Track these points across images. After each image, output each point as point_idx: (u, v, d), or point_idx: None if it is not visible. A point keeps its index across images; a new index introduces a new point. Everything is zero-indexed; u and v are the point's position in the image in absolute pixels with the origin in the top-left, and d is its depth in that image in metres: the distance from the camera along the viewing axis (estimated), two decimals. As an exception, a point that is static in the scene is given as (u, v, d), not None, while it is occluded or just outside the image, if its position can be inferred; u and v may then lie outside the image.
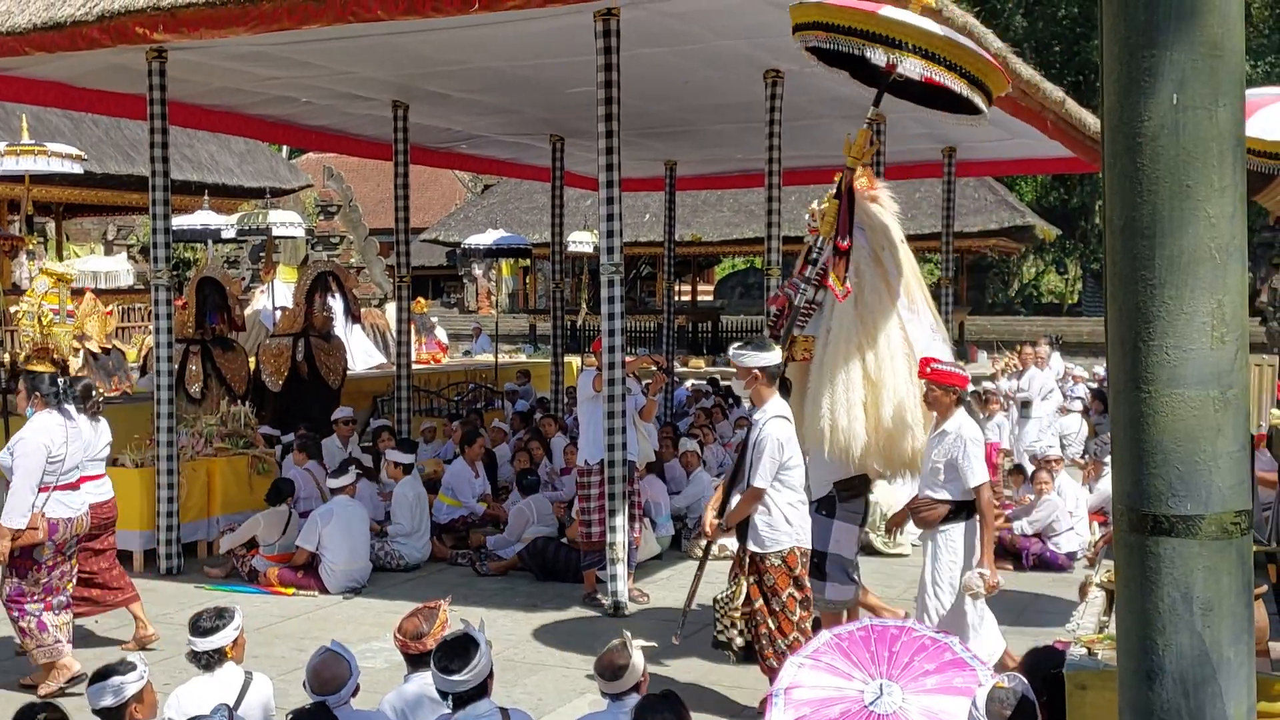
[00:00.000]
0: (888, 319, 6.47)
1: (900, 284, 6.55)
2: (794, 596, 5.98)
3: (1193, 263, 2.19)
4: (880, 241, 6.59)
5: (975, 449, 6.00)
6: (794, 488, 6.03)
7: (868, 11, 5.95)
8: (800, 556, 6.02)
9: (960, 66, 5.85)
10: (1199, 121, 2.17)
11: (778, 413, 6.01)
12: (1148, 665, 2.21)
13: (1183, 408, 2.20)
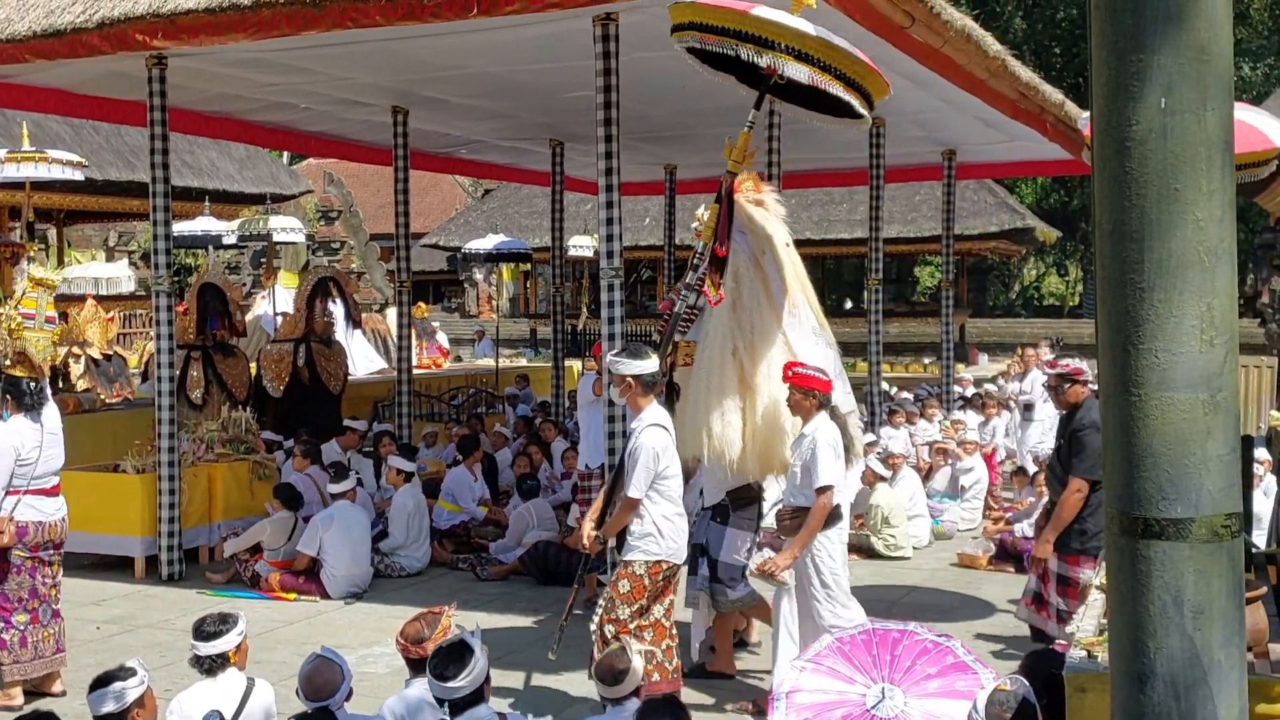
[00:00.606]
0: (766, 323, 6.40)
1: (781, 288, 6.45)
2: (642, 607, 5.84)
3: (1181, 266, 2.19)
4: (761, 245, 6.50)
5: (825, 451, 5.92)
6: (671, 499, 5.88)
7: (740, 11, 5.83)
8: (665, 570, 5.87)
9: (835, 68, 5.74)
10: (1187, 125, 2.17)
11: (654, 421, 5.88)
12: (1139, 668, 2.21)
13: (1172, 411, 2.21)
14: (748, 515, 6.67)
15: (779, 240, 6.59)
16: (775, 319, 6.42)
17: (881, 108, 12.00)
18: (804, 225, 25.91)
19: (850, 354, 27.11)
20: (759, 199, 6.69)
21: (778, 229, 6.65)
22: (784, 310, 6.45)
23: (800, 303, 6.54)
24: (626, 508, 5.86)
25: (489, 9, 7.54)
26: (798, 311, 6.50)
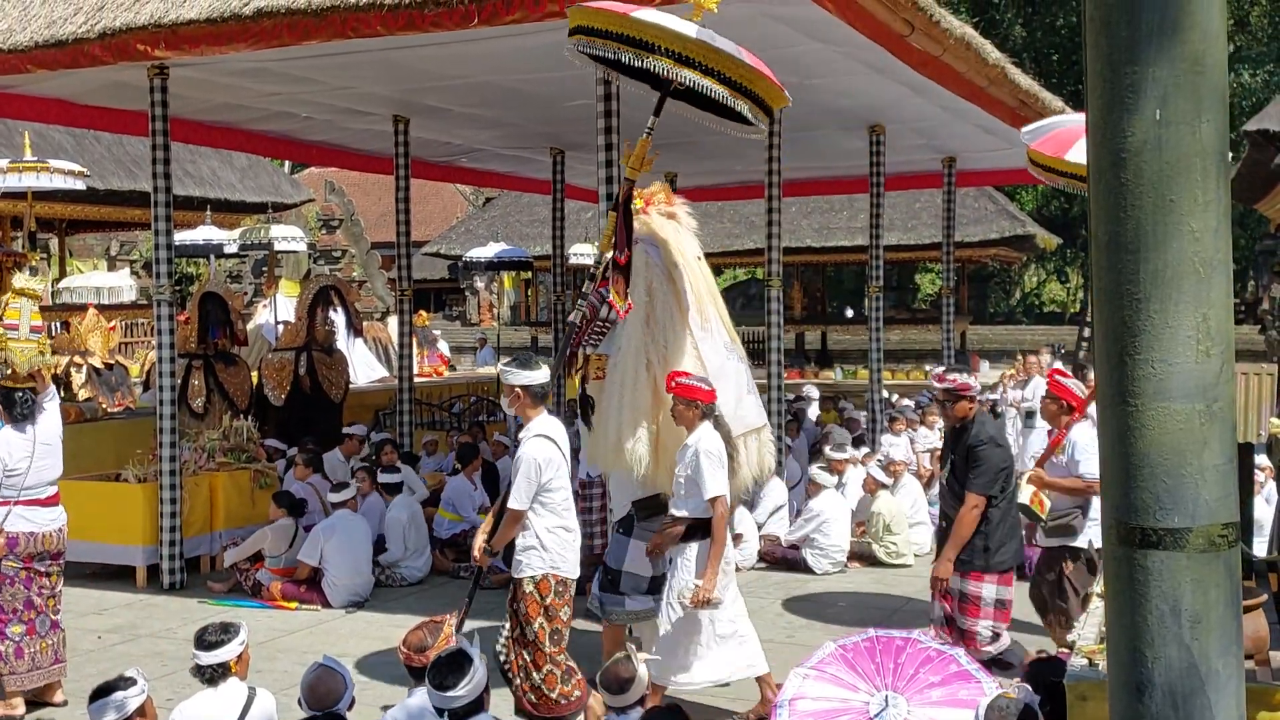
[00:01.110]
0: (679, 337, 6.36)
1: (693, 301, 6.42)
2: (544, 628, 5.81)
3: (1177, 277, 2.20)
4: (674, 258, 6.46)
5: (708, 461, 5.87)
6: (556, 511, 5.86)
7: (620, 14, 5.78)
8: (555, 585, 5.84)
9: (719, 72, 5.65)
10: (1182, 137, 2.18)
11: (539, 432, 5.86)
12: (1137, 677, 2.22)
13: (1169, 421, 2.22)
14: (651, 527, 6.53)
15: (691, 253, 6.55)
16: (688, 333, 6.38)
17: (881, 115, 12.12)
18: (804, 233, 25.92)
19: (851, 361, 27.15)
20: (671, 211, 6.65)
21: (690, 242, 6.61)
22: (696, 325, 6.40)
23: (712, 316, 6.49)
24: (510, 520, 5.83)
25: (490, 18, 7.56)
26: (710, 325, 6.45)
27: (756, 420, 6.64)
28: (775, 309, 10.58)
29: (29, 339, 6.34)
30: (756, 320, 25.12)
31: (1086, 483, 6.73)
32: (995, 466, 6.20)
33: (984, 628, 6.37)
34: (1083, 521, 6.78)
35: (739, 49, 5.76)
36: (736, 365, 6.55)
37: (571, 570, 5.94)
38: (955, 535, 6.31)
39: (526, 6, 7.47)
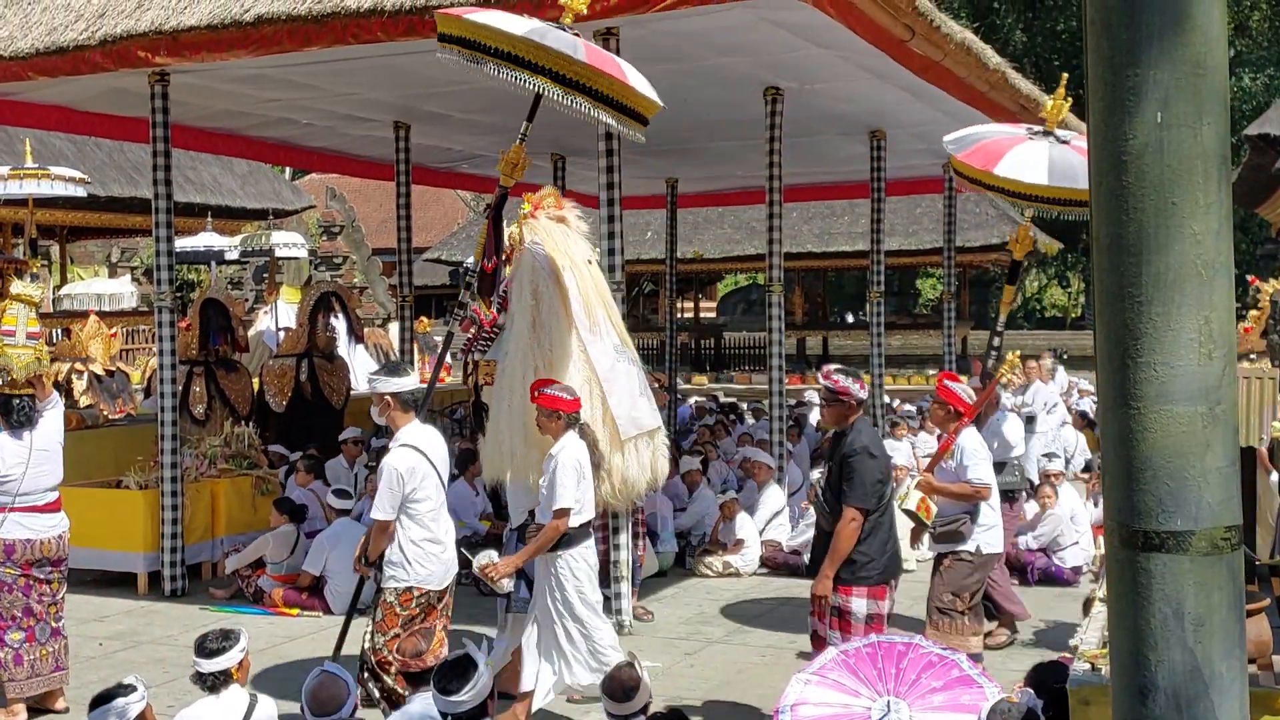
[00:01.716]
0: (565, 342, 6.35)
1: (582, 306, 6.39)
2: (399, 638, 5.74)
3: (1179, 280, 2.20)
4: (562, 262, 6.44)
5: (564, 472, 5.82)
6: (422, 523, 5.79)
7: (456, 16, 5.81)
8: (417, 598, 5.80)
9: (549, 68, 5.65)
10: (1183, 139, 2.18)
11: (405, 441, 5.80)
12: (1140, 681, 2.21)
13: (1171, 424, 2.21)
14: None
15: (580, 257, 6.52)
16: (574, 336, 6.37)
17: (882, 120, 12.12)
18: (805, 238, 25.93)
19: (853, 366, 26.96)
20: (561, 216, 6.63)
21: (579, 245, 6.58)
22: (585, 328, 6.38)
23: (601, 320, 6.47)
24: (377, 531, 5.80)
25: (490, 24, 7.56)
26: (598, 329, 6.42)
27: (650, 422, 6.57)
28: (776, 314, 10.58)
29: (26, 345, 6.33)
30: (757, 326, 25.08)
31: (974, 488, 6.69)
32: (871, 478, 5.77)
33: None
34: (970, 527, 6.71)
35: (580, 47, 5.69)
36: (628, 368, 6.50)
37: (436, 583, 5.85)
38: (834, 550, 5.84)
39: (526, 13, 7.48)
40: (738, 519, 9.96)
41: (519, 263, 6.46)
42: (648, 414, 6.57)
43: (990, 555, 6.86)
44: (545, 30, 5.78)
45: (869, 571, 5.84)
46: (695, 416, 15.43)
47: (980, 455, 6.76)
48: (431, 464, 5.83)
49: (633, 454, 6.53)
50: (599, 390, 6.41)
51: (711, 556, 9.86)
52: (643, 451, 6.59)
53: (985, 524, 6.79)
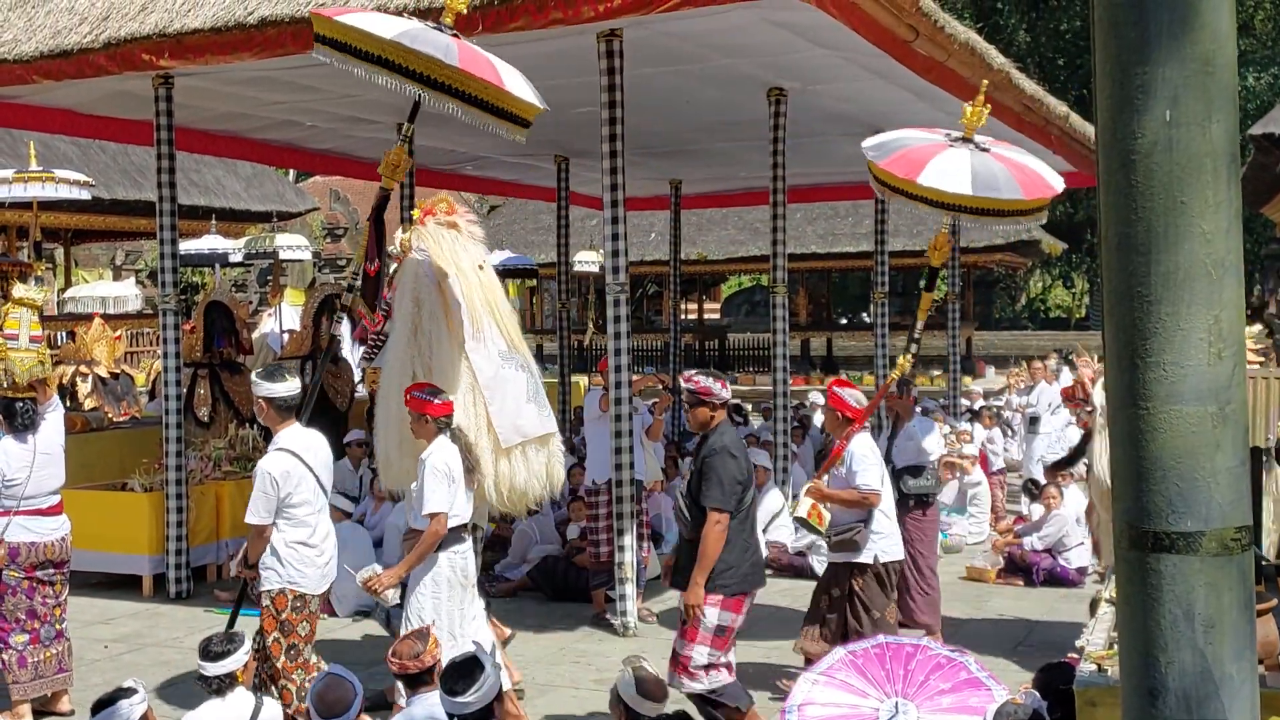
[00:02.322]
0: (446, 347, 6.31)
1: (465, 313, 6.34)
2: (279, 642, 5.76)
3: (1188, 279, 2.19)
4: (447, 269, 6.40)
5: (431, 476, 5.79)
6: (300, 526, 5.77)
7: (327, 17, 5.78)
8: (293, 600, 5.77)
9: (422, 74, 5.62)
10: (1192, 137, 2.17)
11: (281, 445, 5.80)
12: (1150, 683, 2.20)
13: (1181, 424, 2.20)
14: None
15: (467, 263, 6.46)
16: (456, 343, 6.33)
17: (886, 121, 12.09)
18: (809, 239, 25.92)
19: (856, 367, 27.09)
20: (452, 221, 6.57)
21: (468, 251, 6.52)
22: (468, 335, 6.33)
23: (487, 325, 6.40)
24: (253, 535, 5.81)
25: (493, 26, 7.57)
26: (482, 335, 6.37)
27: (535, 429, 6.47)
28: (780, 315, 10.57)
29: (29, 348, 6.34)
30: (761, 327, 25.06)
31: (863, 495, 6.53)
32: (731, 478, 5.54)
33: (699, 653, 5.63)
34: (865, 535, 6.57)
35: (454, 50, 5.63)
36: (515, 374, 6.42)
37: (313, 586, 5.83)
38: (702, 556, 5.59)
39: (530, 13, 7.49)
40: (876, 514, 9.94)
41: (403, 270, 6.44)
42: (534, 421, 6.44)
43: (890, 563, 6.67)
44: (418, 33, 5.72)
45: (726, 580, 5.58)
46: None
47: (869, 461, 6.60)
48: (309, 468, 5.81)
49: (520, 461, 6.42)
50: (480, 398, 6.32)
51: (716, 558, 9.84)
52: (533, 458, 6.47)
53: (880, 531, 6.64)
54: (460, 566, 5.94)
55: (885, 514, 6.69)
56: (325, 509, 5.94)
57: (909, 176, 6.73)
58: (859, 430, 6.65)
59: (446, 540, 5.88)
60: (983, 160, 6.81)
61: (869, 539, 6.57)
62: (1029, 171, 6.92)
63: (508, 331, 6.50)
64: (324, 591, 5.94)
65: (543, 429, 6.50)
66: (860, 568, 6.60)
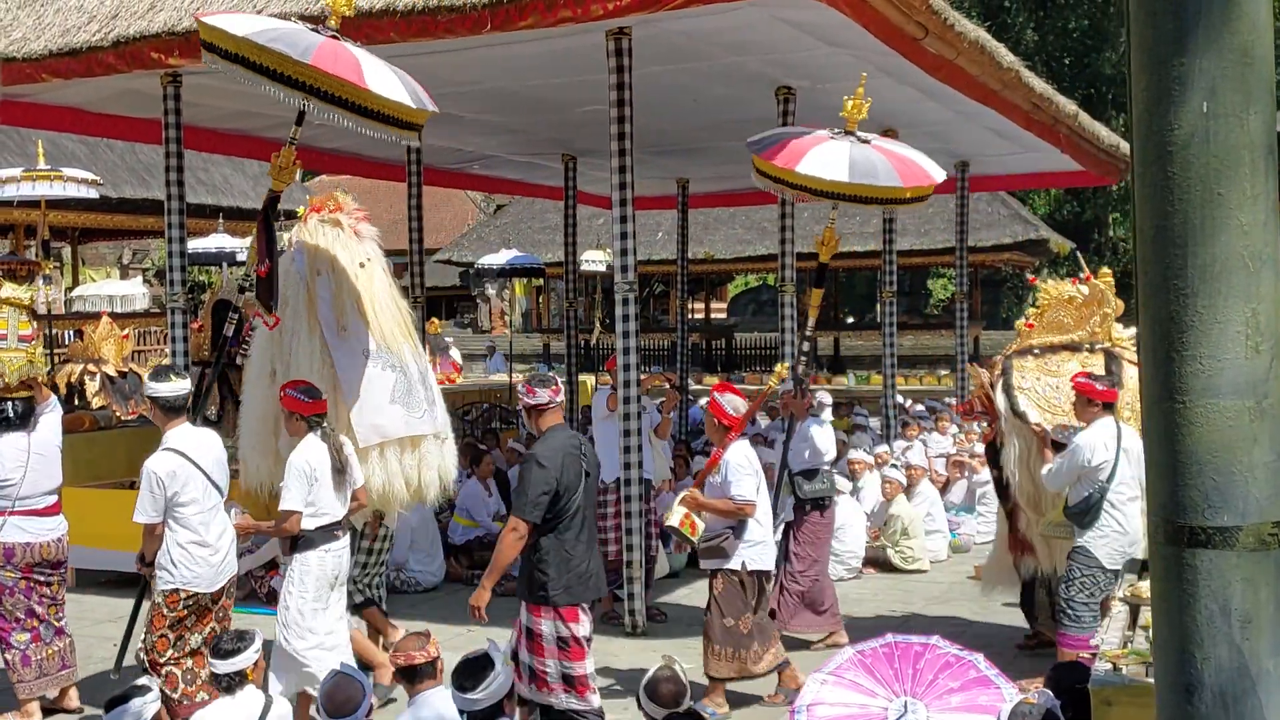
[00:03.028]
0: (305, 345, 6.28)
1: (333, 309, 6.30)
2: (165, 638, 5.79)
3: (1225, 271, 2.17)
4: (317, 266, 6.37)
5: (291, 474, 5.80)
6: (189, 526, 5.78)
7: (199, 19, 5.77)
8: (184, 600, 5.78)
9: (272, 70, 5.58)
10: (1230, 129, 2.15)
11: (169, 445, 5.82)
12: (1186, 679, 2.18)
13: (1218, 418, 2.18)
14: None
15: (346, 260, 6.41)
16: (318, 341, 6.29)
17: (894, 119, 12.09)
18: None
19: (864, 367, 27.04)
20: (335, 219, 6.56)
21: (348, 248, 6.48)
22: (331, 331, 6.28)
23: (355, 324, 6.34)
24: (144, 534, 5.81)
25: (503, 24, 7.56)
26: (349, 333, 6.32)
27: (398, 431, 6.37)
28: (789, 314, 10.55)
29: (18, 348, 6.34)
30: (769, 326, 25.06)
31: (736, 504, 6.43)
32: (536, 489, 5.45)
33: (550, 666, 5.57)
34: (734, 543, 6.48)
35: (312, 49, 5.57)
36: (380, 373, 6.33)
37: (206, 585, 5.83)
38: (493, 561, 5.67)
39: (539, 11, 7.47)
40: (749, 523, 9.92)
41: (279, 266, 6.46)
42: (398, 422, 6.34)
43: (759, 572, 6.58)
44: (279, 32, 5.68)
45: (550, 592, 5.53)
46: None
47: (744, 471, 6.49)
48: (198, 467, 5.81)
49: (378, 462, 6.36)
50: (340, 396, 6.28)
51: (724, 557, 9.83)
52: (394, 460, 6.39)
53: (751, 540, 6.54)
54: (332, 566, 5.94)
55: (759, 523, 6.58)
56: (218, 507, 5.92)
57: (788, 166, 6.90)
58: (736, 438, 6.56)
59: (318, 539, 5.88)
60: (863, 151, 7.00)
61: (737, 547, 6.48)
62: (909, 162, 7.13)
63: (380, 330, 6.40)
64: (219, 588, 5.91)
65: (408, 430, 6.38)
66: (723, 573, 6.52)
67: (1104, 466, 6.46)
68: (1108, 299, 7.31)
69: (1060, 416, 6.90)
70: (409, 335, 6.58)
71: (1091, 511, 6.49)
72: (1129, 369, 6.98)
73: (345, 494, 5.98)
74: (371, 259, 6.57)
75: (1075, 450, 6.50)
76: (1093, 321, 7.27)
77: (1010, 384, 7.07)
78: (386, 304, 6.52)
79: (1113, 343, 7.25)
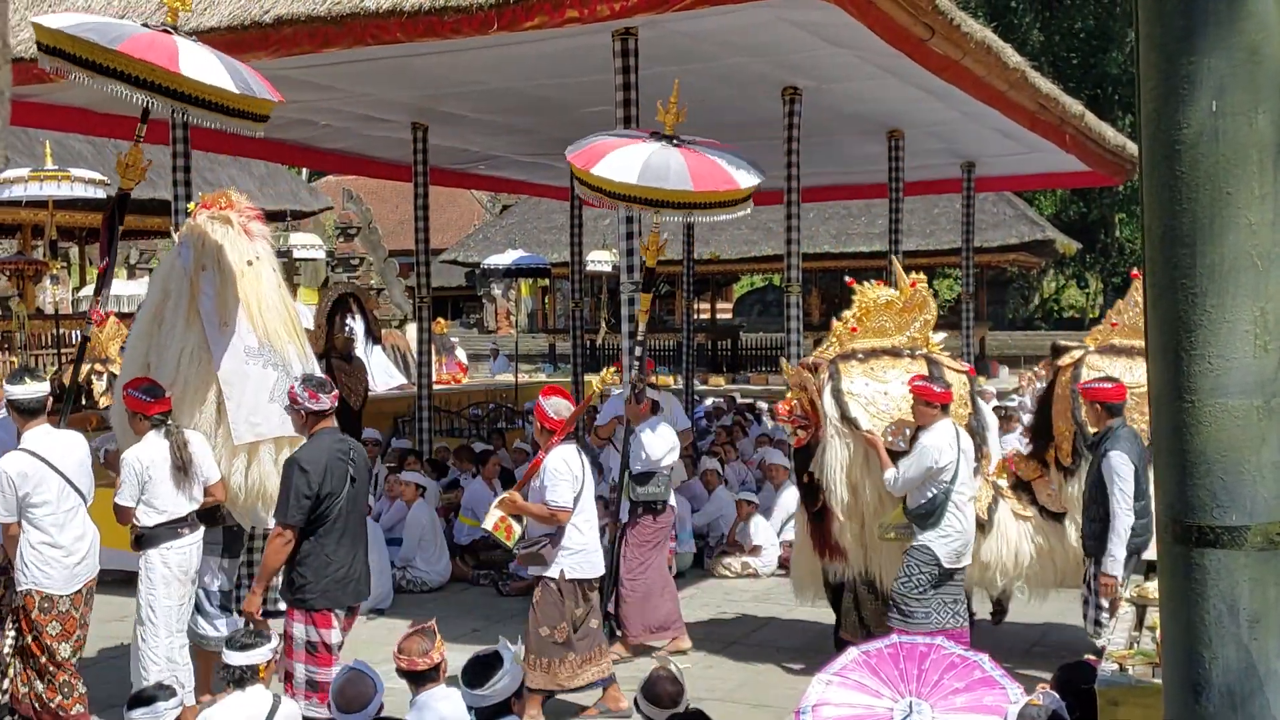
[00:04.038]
0: (179, 340, 6.25)
1: (215, 305, 6.26)
2: (38, 640, 5.76)
3: (1234, 270, 2.17)
4: (204, 260, 6.34)
5: (124, 470, 5.86)
6: (42, 528, 5.76)
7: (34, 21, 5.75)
8: (40, 601, 5.76)
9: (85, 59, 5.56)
10: (1238, 128, 2.15)
11: (24, 445, 5.81)
12: (1194, 678, 2.18)
13: (1226, 417, 2.18)
14: (211, 538, 6.38)
15: (233, 257, 6.38)
16: (195, 335, 6.27)
17: (900, 120, 12.08)
18: (822, 239, 25.88)
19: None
20: (226, 216, 6.52)
21: (237, 246, 6.43)
22: (212, 327, 6.26)
23: (238, 320, 6.29)
24: (3, 534, 5.82)
25: (509, 24, 7.57)
26: (229, 329, 6.28)
27: (275, 430, 6.30)
28: (794, 315, 10.56)
29: None
30: (774, 327, 25.04)
31: (551, 511, 6.30)
32: (296, 492, 5.45)
33: (299, 670, 5.57)
34: (553, 551, 6.35)
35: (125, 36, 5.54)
36: (260, 371, 6.29)
37: (60, 587, 5.81)
38: (262, 565, 5.75)
39: (546, 12, 7.48)
40: (753, 523, 9.92)
41: (161, 261, 6.47)
42: (275, 421, 6.27)
43: (578, 580, 6.41)
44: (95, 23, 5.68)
45: (305, 595, 5.52)
46: (713, 417, 15.39)
47: (561, 476, 6.33)
48: (54, 469, 5.79)
49: (252, 459, 6.31)
50: (218, 392, 6.25)
51: (729, 557, 9.84)
52: (267, 459, 6.32)
53: (570, 548, 6.39)
54: (177, 563, 5.96)
55: (579, 529, 6.42)
56: (77, 509, 5.88)
57: (585, 167, 6.93)
58: (559, 442, 6.41)
59: (160, 536, 5.92)
60: (665, 156, 6.95)
61: (556, 554, 6.35)
62: (713, 166, 7.04)
63: (265, 328, 6.36)
64: (75, 591, 5.86)
65: (284, 430, 6.27)
66: (542, 581, 6.40)
67: (949, 467, 6.44)
68: (928, 305, 7.14)
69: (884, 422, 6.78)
70: (295, 335, 6.52)
71: (937, 513, 6.48)
72: (950, 375, 6.92)
73: (190, 491, 5.97)
74: (260, 257, 6.50)
75: (922, 452, 6.46)
76: (914, 327, 7.12)
77: (840, 388, 6.87)
78: (273, 303, 6.46)
79: (930, 349, 7.13)
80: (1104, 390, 6.50)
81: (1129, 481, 6.31)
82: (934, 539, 6.51)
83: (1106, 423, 6.46)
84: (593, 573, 6.52)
